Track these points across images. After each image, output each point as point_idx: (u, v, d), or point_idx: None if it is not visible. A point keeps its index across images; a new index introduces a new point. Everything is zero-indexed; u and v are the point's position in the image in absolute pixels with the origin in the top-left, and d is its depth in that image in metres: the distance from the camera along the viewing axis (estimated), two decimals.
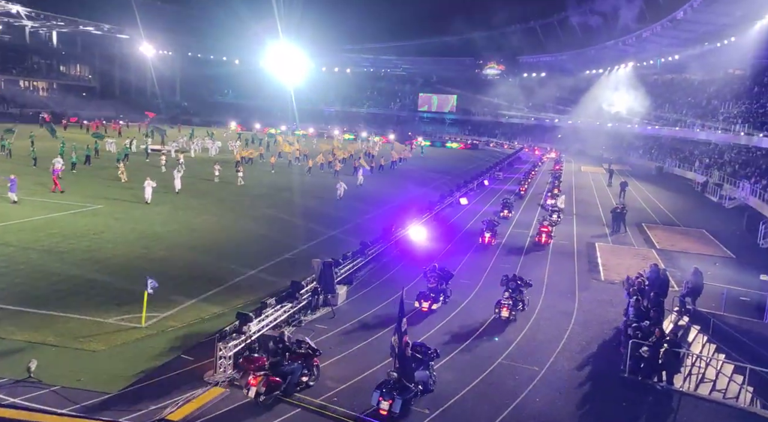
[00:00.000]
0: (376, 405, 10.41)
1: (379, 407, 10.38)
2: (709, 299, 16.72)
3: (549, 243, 24.91)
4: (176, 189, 30.87)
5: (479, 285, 18.71)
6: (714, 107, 58.63)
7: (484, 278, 19.61)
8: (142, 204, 27.13)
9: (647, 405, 11.53)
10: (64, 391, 10.44)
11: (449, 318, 15.64)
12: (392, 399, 10.33)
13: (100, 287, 16.02)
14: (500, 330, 14.92)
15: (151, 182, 27.71)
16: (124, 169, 34.00)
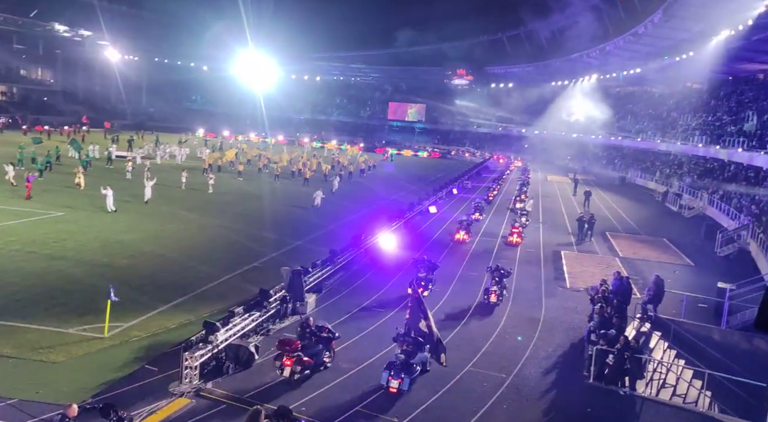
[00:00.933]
0: (386, 384, 11.65)
1: (389, 385, 11.65)
2: (669, 305, 17.20)
3: (520, 243, 26.68)
4: (146, 198, 29.65)
5: (448, 292, 18.87)
6: (673, 118, 60.59)
7: (454, 283, 19.79)
8: (106, 212, 26.48)
9: (611, 410, 11.78)
10: (21, 404, 10.12)
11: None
12: (401, 378, 11.63)
13: (61, 296, 15.57)
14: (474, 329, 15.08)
15: (108, 191, 26.43)
16: (82, 175, 32.61)
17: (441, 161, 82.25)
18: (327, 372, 12.47)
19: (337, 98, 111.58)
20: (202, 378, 11.51)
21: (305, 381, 11.88)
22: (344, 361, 12.96)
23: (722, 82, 56.29)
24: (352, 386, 11.94)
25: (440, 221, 32.38)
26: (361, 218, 30.01)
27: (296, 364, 11.76)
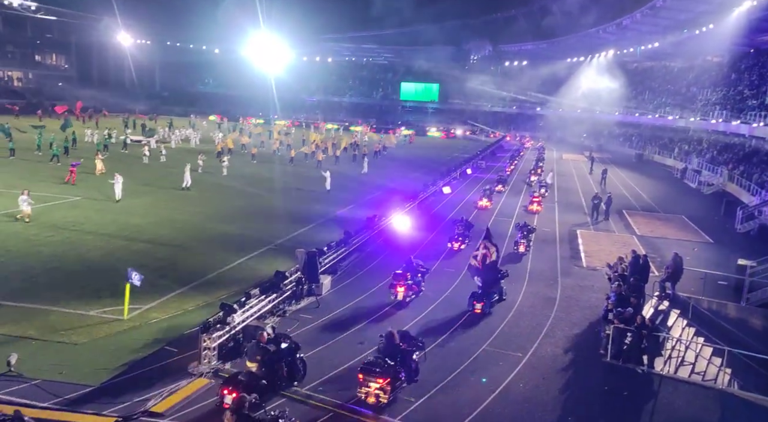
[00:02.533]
0: (471, 308, 15.05)
1: (474, 308, 15.05)
2: (688, 283, 17.01)
3: (540, 211, 29.12)
4: (187, 184, 30.00)
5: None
6: (693, 93, 59.36)
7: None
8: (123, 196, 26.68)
9: (629, 388, 11.71)
10: (45, 384, 10.32)
11: (435, 304, 15.72)
12: (483, 301, 14.99)
13: (81, 279, 15.81)
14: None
15: (119, 178, 26.01)
16: (101, 160, 32.78)
17: (454, 141, 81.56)
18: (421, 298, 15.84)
19: (349, 80, 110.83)
20: (221, 359, 11.64)
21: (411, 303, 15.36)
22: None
23: (743, 54, 54.84)
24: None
25: (454, 201, 32.23)
26: (374, 199, 29.97)
27: (408, 290, 15.40)
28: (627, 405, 11.11)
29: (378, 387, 10.29)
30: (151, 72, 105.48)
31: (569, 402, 11.01)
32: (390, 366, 10.53)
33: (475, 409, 10.46)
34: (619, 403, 11.16)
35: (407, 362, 11.04)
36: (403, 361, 10.95)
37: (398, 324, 13.80)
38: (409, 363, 11.09)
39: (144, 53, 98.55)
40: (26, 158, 36.47)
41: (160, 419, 9.60)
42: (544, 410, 10.63)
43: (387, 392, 10.31)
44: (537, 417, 10.39)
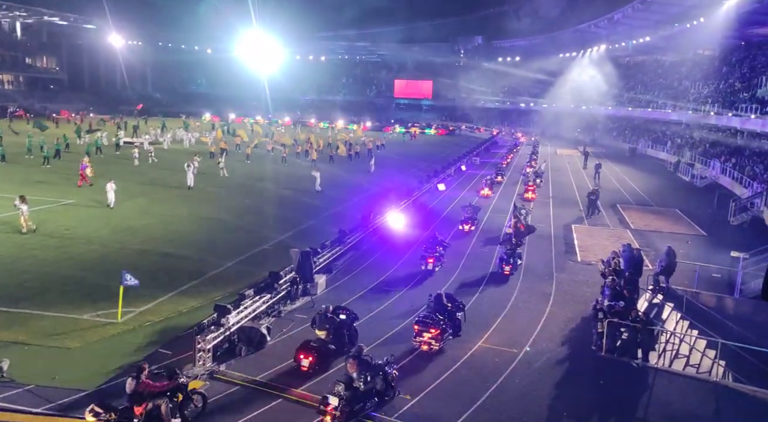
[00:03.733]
0: (500, 270, 17.79)
1: (503, 270, 17.77)
2: (682, 276, 17.06)
3: (534, 199, 30.84)
4: (190, 184, 30.37)
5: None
6: (685, 87, 59.50)
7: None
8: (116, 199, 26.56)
9: (624, 382, 11.75)
10: (38, 390, 10.27)
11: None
12: (510, 264, 17.85)
13: (74, 283, 15.73)
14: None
15: (113, 185, 25.16)
16: (90, 165, 32.39)
17: (447, 138, 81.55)
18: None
19: (342, 78, 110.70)
20: (216, 361, 11.62)
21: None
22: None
23: (734, 47, 55.03)
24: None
25: (449, 198, 32.24)
26: (369, 197, 29.94)
27: (436, 261, 18.03)
28: (622, 398, 11.14)
29: (431, 337, 12.31)
30: (143, 73, 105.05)
31: (565, 397, 11.04)
32: (440, 320, 12.64)
33: (472, 406, 10.47)
34: (614, 397, 11.19)
35: (453, 319, 13.19)
36: (450, 318, 13.07)
37: (428, 290, 15.74)
38: (455, 320, 13.26)
39: (135, 55, 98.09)
40: (18, 162, 36.26)
41: None
42: (540, 405, 10.65)
43: (438, 341, 12.36)
44: (533, 413, 10.40)
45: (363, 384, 9.93)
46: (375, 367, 10.29)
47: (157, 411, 9.11)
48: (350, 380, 9.93)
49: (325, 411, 9.42)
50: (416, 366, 11.90)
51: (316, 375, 11.43)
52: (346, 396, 9.58)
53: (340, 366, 11.44)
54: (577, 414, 10.49)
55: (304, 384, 11.04)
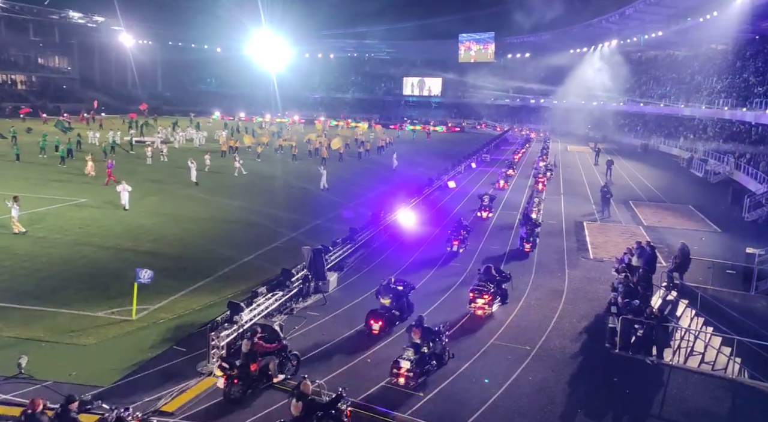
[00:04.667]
0: (522, 248, 20.15)
1: (523, 248, 20.13)
2: (696, 273, 16.92)
3: (545, 190, 31.94)
4: (193, 179, 31.11)
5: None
6: (698, 82, 58.95)
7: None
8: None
9: (638, 379, 11.68)
10: (56, 386, 10.37)
11: (452, 289, 15.73)
12: (531, 242, 20.19)
13: (89, 281, 15.88)
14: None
15: (126, 187, 24.78)
16: (91, 163, 32.28)
17: (458, 135, 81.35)
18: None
19: (351, 75, 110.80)
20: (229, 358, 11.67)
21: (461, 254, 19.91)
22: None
23: (748, 41, 54.38)
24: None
25: (460, 195, 32.18)
26: (379, 195, 29.95)
27: (460, 244, 19.98)
28: (637, 395, 11.07)
29: (483, 303, 14.14)
30: (153, 72, 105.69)
31: (578, 394, 10.99)
32: (490, 288, 14.39)
33: (484, 403, 10.45)
34: (628, 394, 11.13)
35: (501, 288, 14.95)
36: (499, 287, 14.80)
37: (455, 269, 18.50)
38: (502, 289, 15.03)
39: (146, 54, 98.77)
40: (32, 161, 36.66)
41: (171, 418, 9.64)
42: (552, 402, 10.62)
43: (490, 305, 14.26)
44: (546, 410, 10.37)
45: (427, 348, 11.20)
46: (435, 333, 11.52)
47: (266, 368, 10.65)
48: (416, 345, 11.10)
49: (399, 374, 10.73)
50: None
51: (383, 338, 12.98)
52: (415, 359, 10.80)
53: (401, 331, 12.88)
54: (591, 411, 10.44)
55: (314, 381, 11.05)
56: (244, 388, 10.29)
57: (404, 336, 11.99)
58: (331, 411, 8.74)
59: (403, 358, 10.84)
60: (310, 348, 12.38)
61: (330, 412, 8.73)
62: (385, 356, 11.92)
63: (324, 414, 8.68)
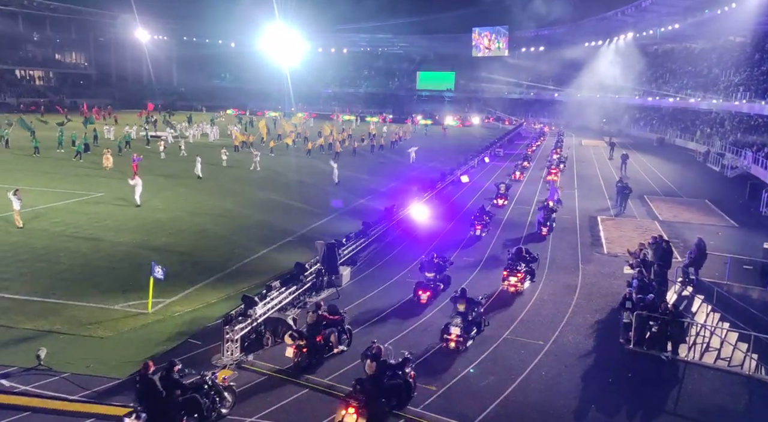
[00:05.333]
0: (539, 231, 21.72)
1: (541, 231, 21.71)
2: (713, 268, 16.74)
3: (557, 181, 32.30)
4: (198, 173, 31.46)
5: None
6: (715, 75, 58.09)
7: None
8: (143, 191, 26.99)
9: (652, 375, 11.61)
10: (74, 378, 10.55)
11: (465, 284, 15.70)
12: (547, 226, 21.69)
13: (105, 274, 16.10)
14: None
15: (137, 181, 24.79)
16: (110, 156, 32.95)
17: (473, 129, 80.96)
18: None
19: (364, 70, 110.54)
20: (243, 351, 11.79)
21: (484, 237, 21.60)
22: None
23: (767, 33, 53.44)
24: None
25: (473, 189, 32.08)
26: (392, 190, 29.98)
27: (483, 228, 21.64)
28: (651, 392, 11.01)
29: (516, 281, 15.51)
30: (168, 68, 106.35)
31: (592, 390, 10.95)
32: (522, 267, 15.81)
33: (497, 398, 10.45)
34: (643, 390, 11.07)
35: (531, 268, 16.26)
36: (528, 267, 16.15)
37: (479, 251, 20.20)
38: (531, 269, 16.34)
39: (161, 49, 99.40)
40: (49, 156, 37.14)
41: None
42: (566, 398, 10.59)
43: (522, 283, 15.59)
44: (559, 405, 10.35)
45: (471, 316, 12.59)
46: (476, 303, 13.00)
47: (329, 339, 11.65)
48: (463, 314, 12.51)
49: (449, 339, 12.19)
50: (440, 360, 11.92)
51: (429, 308, 14.60)
52: (462, 327, 12.22)
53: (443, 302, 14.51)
54: (605, 407, 10.39)
55: (331, 374, 11.15)
56: (311, 357, 11.28)
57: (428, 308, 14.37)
58: (399, 371, 10.03)
59: (453, 325, 12.25)
60: None
61: (398, 372, 10.01)
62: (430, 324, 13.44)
63: (393, 374, 9.93)
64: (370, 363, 9.73)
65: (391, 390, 9.76)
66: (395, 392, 9.81)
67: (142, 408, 8.72)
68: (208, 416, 9.23)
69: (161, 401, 8.86)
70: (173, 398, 8.95)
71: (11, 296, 14.25)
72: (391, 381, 9.82)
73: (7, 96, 78.48)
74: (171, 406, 8.90)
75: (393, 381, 9.84)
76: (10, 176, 28.78)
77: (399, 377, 9.91)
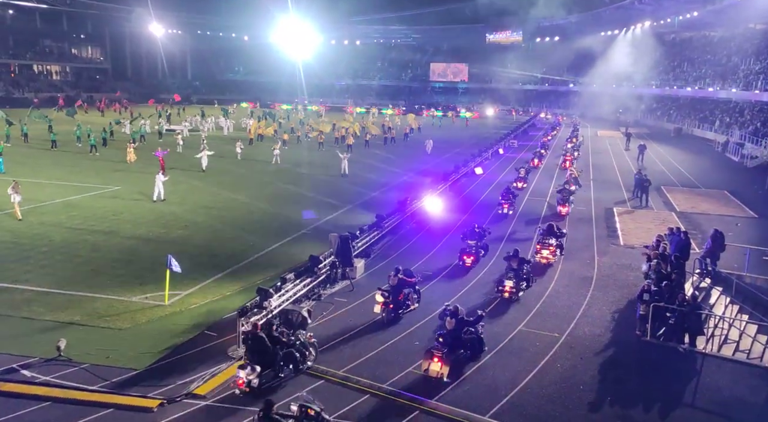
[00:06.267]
0: (559, 211, 23.51)
1: (560, 211, 23.45)
2: (731, 260, 16.52)
3: (571, 167, 32.44)
4: (203, 167, 31.61)
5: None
6: (734, 63, 57.07)
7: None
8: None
9: (669, 367, 11.50)
10: (93, 368, 10.71)
11: (479, 276, 15.70)
12: (567, 205, 23.75)
13: (123, 267, 16.30)
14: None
15: (162, 177, 24.79)
16: (133, 150, 33.55)
17: (485, 121, 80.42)
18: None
19: (378, 62, 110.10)
20: None
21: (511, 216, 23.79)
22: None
23: None
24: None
25: (488, 181, 31.92)
26: (406, 182, 29.91)
27: (510, 207, 23.84)
28: (668, 384, 10.91)
29: (548, 253, 17.06)
30: (183, 61, 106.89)
31: (608, 382, 10.88)
32: (553, 242, 17.34)
33: (512, 390, 10.43)
34: (660, 382, 10.97)
35: (561, 243, 17.90)
36: (558, 241, 17.73)
37: (505, 227, 22.21)
38: (561, 243, 18.03)
39: (175, 43, 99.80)
40: (68, 150, 37.58)
41: (203, 401, 9.87)
42: (581, 390, 10.53)
43: (553, 256, 17.19)
44: (575, 398, 10.30)
45: (523, 271, 14.67)
46: (527, 262, 15.26)
47: (408, 298, 13.64)
48: (515, 270, 14.54)
49: (503, 290, 14.38)
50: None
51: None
52: (515, 280, 14.33)
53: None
54: (621, 399, 10.33)
55: (346, 366, 11.20)
56: (395, 311, 13.29)
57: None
58: (473, 327, 11.44)
59: (507, 279, 14.45)
60: (337, 334, 12.53)
61: (474, 327, 11.44)
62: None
63: (467, 330, 11.33)
64: (450, 319, 11.16)
65: (468, 343, 11.27)
66: (471, 344, 11.31)
67: (253, 361, 10.19)
68: (301, 365, 10.77)
69: (271, 353, 10.38)
70: (276, 351, 10.45)
71: (32, 288, 14.49)
72: (467, 335, 11.28)
73: (25, 91, 79.39)
74: (275, 358, 10.37)
75: (469, 335, 11.30)
76: (29, 170, 29.24)
77: (473, 332, 11.38)
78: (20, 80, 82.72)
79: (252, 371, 9.94)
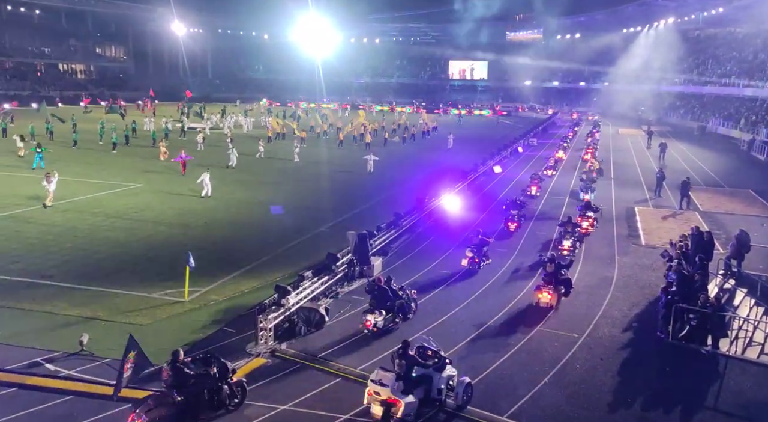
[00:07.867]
0: (582, 198, 24.50)
1: (583, 198, 24.24)
2: (757, 260, 16.20)
3: (590, 160, 34.62)
4: (231, 163, 32.62)
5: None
6: (761, 60, 55.91)
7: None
8: (180, 182, 27.60)
9: (692, 369, 11.31)
10: (114, 363, 10.82)
11: (495, 277, 15.61)
12: (589, 192, 25.37)
13: (144, 263, 16.51)
14: None
15: (206, 175, 25.04)
16: (165, 148, 34.49)
17: (505, 119, 79.85)
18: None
19: (396, 60, 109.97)
20: (277, 339, 11.94)
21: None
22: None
23: None
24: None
25: (507, 179, 31.70)
26: (424, 180, 29.81)
27: (539, 188, 27.62)
28: (691, 386, 10.72)
29: (587, 225, 19.92)
30: (204, 60, 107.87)
31: (628, 384, 10.73)
32: (592, 216, 20.48)
33: (531, 390, 10.34)
34: (681, 384, 10.79)
35: (596, 218, 20.99)
36: (594, 214, 20.92)
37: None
38: (597, 218, 21.10)
39: (196, 42, 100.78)
40: (90, 148, 38.17)
41: None
42: (601, 391, 10.41)
43: (593, 227, 20.28)
44: (594, 399, 10.18)
45: (575, 234, 18.46)
46: (578, 225, 19.22)
47: (485, 254, 16.84)
48: (570, 232, 18.14)
49: (562, 249, 17.27)
50: (475, 349, 11.84)
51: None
52: (572, 240, 17.85)
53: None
54: (641, 401, 10.18)
55: (362, 364, 11.21)
56: (478, 265, 16.38)
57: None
58: (565, 270, 14.59)
59: (565, 239, 17.79)
60: (355, 332, 12.54)
61: (563, 272, 14.43)
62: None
63: (562, 272, 14.38)
64: (550, 264, 14.16)
65: (564, 282, 14.11)
66: (565, 283, 14.15)
67: (378, 307, 12.52)
68: (409, 314, 13.22)
69: (392, 302, 12.73)
70: (394, 301, 12.80)
71: (55, 284, 14.75)
72: (562, 276, 14.11)
73: (51, 89, 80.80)
74: (393, 306, 12.84)
75: (563, 276, 14.16)
76: (53, 167, 29.66)
77: (565, 275, 14.30)
78: (46, 79, 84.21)
79: (379, 314, 12.35)
